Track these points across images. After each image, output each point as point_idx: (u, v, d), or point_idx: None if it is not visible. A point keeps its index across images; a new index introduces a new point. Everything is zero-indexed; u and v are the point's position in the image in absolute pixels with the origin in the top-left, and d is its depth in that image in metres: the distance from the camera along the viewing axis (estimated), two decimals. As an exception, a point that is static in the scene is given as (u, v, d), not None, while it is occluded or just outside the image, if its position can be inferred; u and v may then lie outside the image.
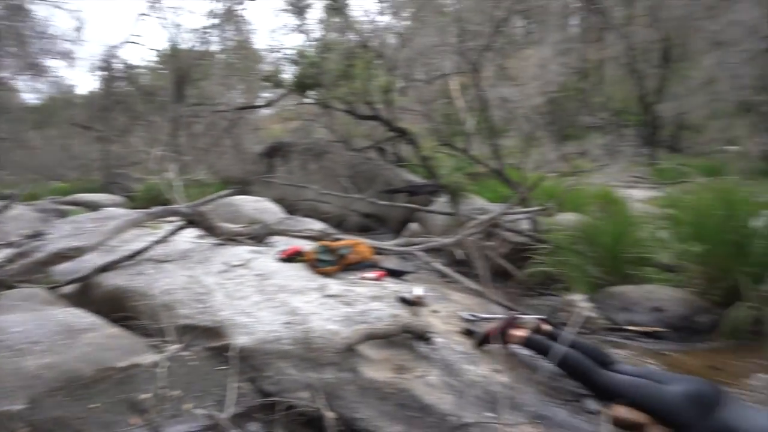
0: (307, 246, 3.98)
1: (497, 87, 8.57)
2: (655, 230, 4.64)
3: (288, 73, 9.05)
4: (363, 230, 8.07)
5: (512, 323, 2.71)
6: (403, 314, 2.86)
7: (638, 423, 2.27)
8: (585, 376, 2.52)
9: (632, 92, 19.08)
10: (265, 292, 3.08)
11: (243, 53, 13.41)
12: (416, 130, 6.97)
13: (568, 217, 5.30)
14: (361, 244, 4.10)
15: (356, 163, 9.35)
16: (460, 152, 6.63)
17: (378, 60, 6.90)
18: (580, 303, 3.01)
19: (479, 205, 7.05)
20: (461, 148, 6.50)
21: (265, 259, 3.72)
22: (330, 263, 3.66)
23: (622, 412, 2.30)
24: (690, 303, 3.89)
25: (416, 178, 9.07)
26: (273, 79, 9.04)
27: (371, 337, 2.42)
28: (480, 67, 6.12)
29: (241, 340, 2.51)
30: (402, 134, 6.01)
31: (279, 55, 10.13)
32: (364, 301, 3.02)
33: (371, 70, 6.21)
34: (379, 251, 4.49)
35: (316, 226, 5.85)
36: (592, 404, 2.40)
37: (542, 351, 2.64)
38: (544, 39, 15.58)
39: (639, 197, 6.09)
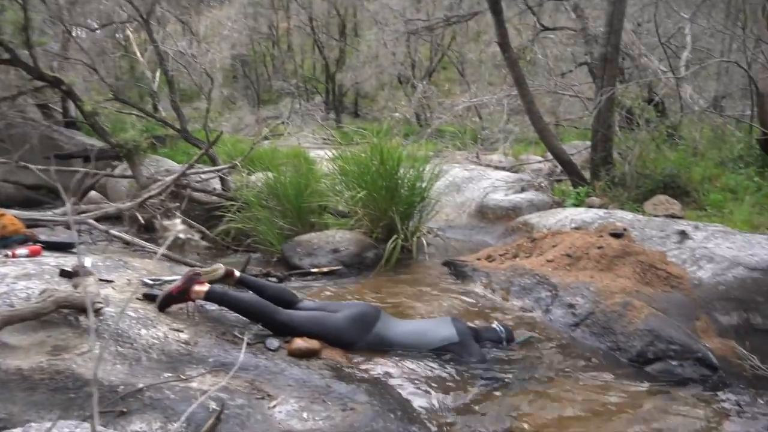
0: None
1: (180, 43, 8.02)
2: (333, 183, 5.18)
3: None
4: (28, 204, 6.56)
5: (194, 279, 2.64)
6: (63, 289, 2.46)
7: (313, 349, 2.53)
8: (266, 318, 2.66)
9: (317, 61, 20.63)
10: None
11: None
12: (76, 81, 5.93)
13: (261, 176, 5.44)
14: (6, 216, 3.34)
15: (8, 124, 7.50)
16: (138, 110, 5.99)
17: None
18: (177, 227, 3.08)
19: (167, 167, 6.60)
20: (137, 105, 5.87)
21: None
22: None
23: (299, 343, 2.53)
24: (360, 242, 4.52)
25: (97, 142, 7.88)
26: None
27: (12, 321, 2.00)
28: (152, 17, 5.55)
29: None
30: (54, 86, 5.01)
31: None
32: (7, 282, 2.48)
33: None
34: (35, 224, 3.74)
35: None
36: (274, 342, 2.55)
37: (224, 302, 2.66)
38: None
39: (325, 156, 6.69)
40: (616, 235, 3.75)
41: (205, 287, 2.61)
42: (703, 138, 6.63)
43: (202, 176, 5.44)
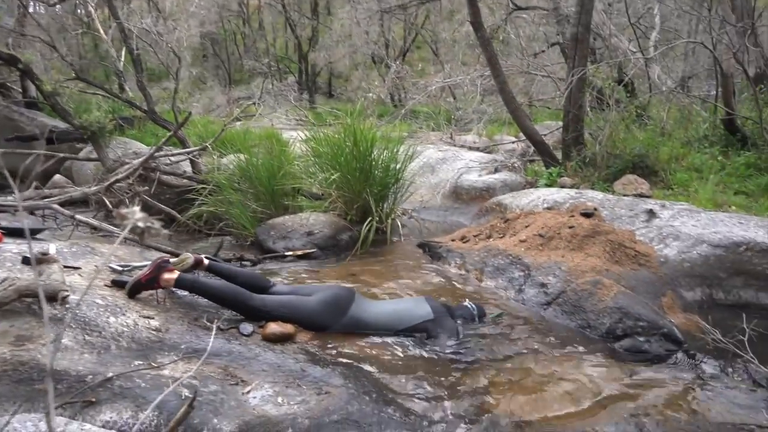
0: None
1: (145, 20, 7.72)
2: (306, 165, 5.12)
3: None
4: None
5: (162, 267, 2.58)
6: (25, 278, 2.37)
7: (288, 333, 2.51)
8: (239, 304, 2.63)
9: (290, 40, 20.21)
10: None
11: None
12: (33, 59, 5.67)
13: (233, 159, 5.34)
14: (-39, 203, 3.19)
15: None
16: (103, 91, 5.78)
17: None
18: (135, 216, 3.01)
19: (135, 149, 6.41)
20: (102, 85, 5.66)
21: None
22: None
23: (273, 327, 2.51)
24: (334, 224, 4.50)
25: (62, 123, 7.58)
26: None
27: (-30, 312, 1.92)
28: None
29: None
30: (10, 64, 4.75)
31: None
32: (-38, 272, 2.38)
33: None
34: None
35: None
36: (247, 327, 2.52)
37: (195, 289, 2.62)
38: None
39: (299, 137, 6.60)
40: (587, 215, 3.81)
41: (175, 274, 2.56)
42: (671, 118, 6.76)
43: (172, 159, 5.31)
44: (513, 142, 8.18)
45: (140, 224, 0.73)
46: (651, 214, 3.93)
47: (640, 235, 3.70)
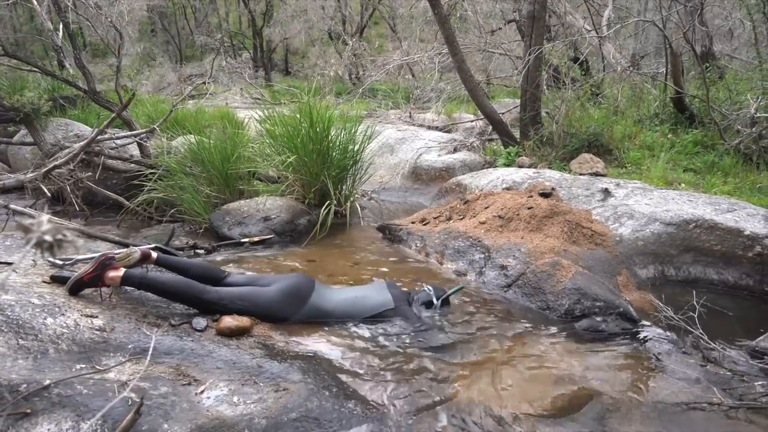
0: None
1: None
2: (262, 147, 4.93)
3: None
4: None
5: (107, 265, 2.42)
6: (-50, 278, 2.18)
7: (243, 327, 2.41)
8: (192, 298, 2.50)
9: (243, 15, 19.47)
10: None
11: None
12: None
13: (183, 141, 5.09)
14: None
15: None
16: (37, 68, 5.38)
17: None
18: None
19: (78, 131, 6.03)
20: (36, 63, 5.25)
21: None
22: None
23: (228, 321, 2.40)
24: (292, 208, 4.37)
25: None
26: None
27: None
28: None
29: None
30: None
31: None
32: None
33: None
34: None
35: None
36: (201, 322, 2.41)
37: (144, 286, 2.47)
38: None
39: (254, 117, 6.37)
40: (545, 195, 3.84)
41: (120, 272, 2.41)
42: (624, 96, 6.89)
43: (117, 142, 5.01)
44: (472, 121, 8.17)
45: (47, 238, 0.62)
46: (606, 193, 3.99)
47: (596, 215, 3.76)
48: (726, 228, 3.34)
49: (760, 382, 2.13)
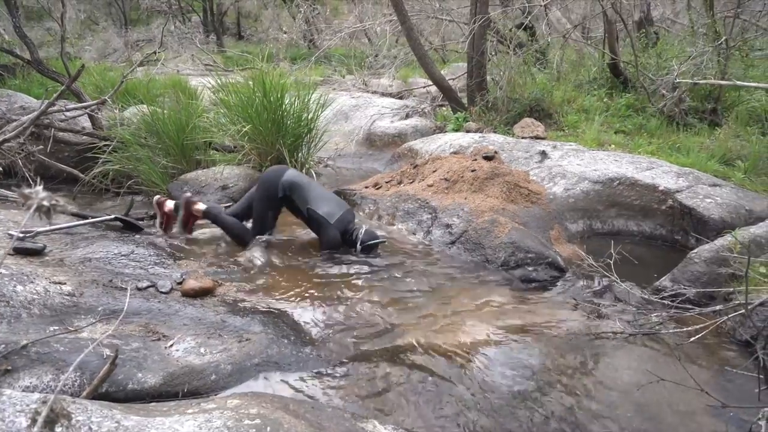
0: None
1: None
2: (217, 117, 4.99)
3: None
4: None
5: (191, 201, 3.31)
6: None
7: (206, 288, 2.61)
8: (246, 238, 3.26)
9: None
10: None
11: None
12: None
13: (136, 111, 5.07)
14: None
15: None
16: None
17: None
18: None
19: (22, 102, 5.88)
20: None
21: None
22: None
23: (192, 283, 2.59)
24: (249, 177, 4.50)
25: None
26: None
27: None
28: None
29: None
30: None
31: None
32: None
33: None
34: None
35: None
36: (166, 284, 2.59)
37: (218, 221, 3.31)
38: None
39: (208, 85, 6.34)
40: (488, 158, 4.12)
41: (202, 206, 3.32)
42: (567, 61, 7.20)
43: (67, 114, 4.95)
44: (424, 87, 8.35)
45: (45, 203, 0.80)
46: (543, 155, 4.31)
47: (534, 175, 4.08)
48: (644, 184, 3.72)
49: (655, 314, 2.50)
